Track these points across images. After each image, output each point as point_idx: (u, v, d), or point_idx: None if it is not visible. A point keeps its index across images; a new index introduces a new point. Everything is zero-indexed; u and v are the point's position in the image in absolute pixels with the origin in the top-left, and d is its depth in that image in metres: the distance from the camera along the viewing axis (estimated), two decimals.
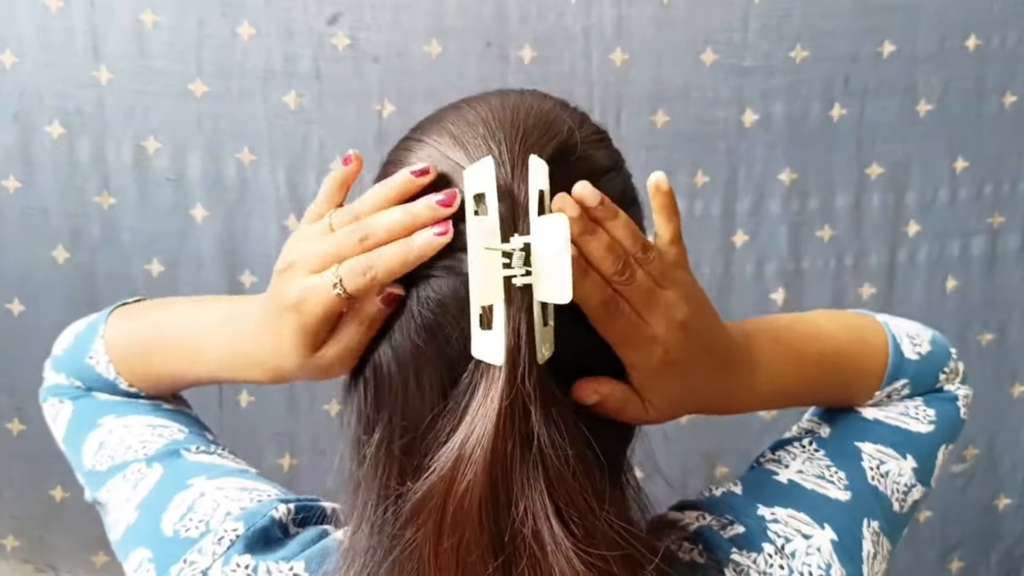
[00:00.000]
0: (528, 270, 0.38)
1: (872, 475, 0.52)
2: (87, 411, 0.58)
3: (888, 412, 0.56)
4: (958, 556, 1.24)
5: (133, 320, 0.59)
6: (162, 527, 0.48)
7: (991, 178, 1.18)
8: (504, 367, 0.38)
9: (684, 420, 1.18)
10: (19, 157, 1.08)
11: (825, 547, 0.48)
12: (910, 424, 0.55)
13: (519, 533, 0.39)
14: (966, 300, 1.20)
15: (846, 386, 0.56)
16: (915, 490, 0.54)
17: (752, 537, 0.48)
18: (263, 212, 1.11)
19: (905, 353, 0.56)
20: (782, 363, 0.51)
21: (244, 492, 0.50)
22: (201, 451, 0.55)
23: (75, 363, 0.59)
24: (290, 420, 1.16)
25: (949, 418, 0.57)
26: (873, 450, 0.54)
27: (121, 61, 1.07)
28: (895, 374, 0.55)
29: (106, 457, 0.54)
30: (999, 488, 1.23)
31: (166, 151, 1.10)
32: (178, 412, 0.59)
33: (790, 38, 1.12)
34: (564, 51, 1.11)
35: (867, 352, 0.56)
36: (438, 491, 0.39)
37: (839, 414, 0.57)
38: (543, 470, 0.39)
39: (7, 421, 1.14)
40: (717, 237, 1.16)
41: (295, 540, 0.48)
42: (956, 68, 1.15)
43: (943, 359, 0.58)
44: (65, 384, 0.60)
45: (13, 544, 1.17)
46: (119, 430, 0.55)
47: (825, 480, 0.51)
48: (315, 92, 1.10)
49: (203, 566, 0.46)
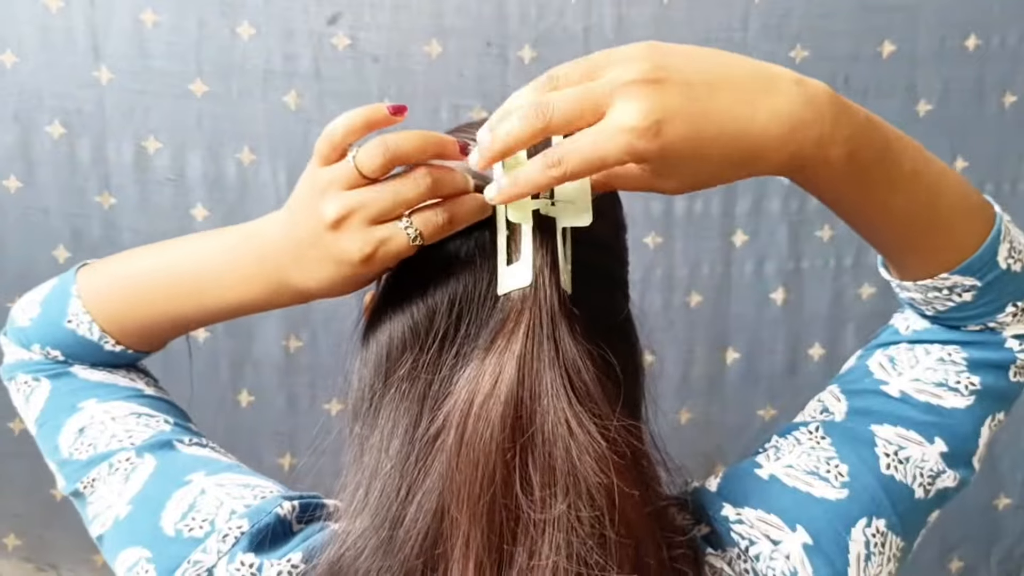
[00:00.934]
0: (553, 201, 0.43)
1: (887, 463, 0.48)
2: (66, 392, 0.55)
3: (921, 384, 0.49)
4: (958, 556, 1.24)
5: (112, 273, 0.55)
6: (162, 526, 0.48)
7: (991, 178, 1.18)
8: (532, 288, 0.42)
9: (683, 420, 1.18)
10: (20, 157, 1.08)
11: (795, 552, 0.46)
12: (945, 398, 0.48)
13: (540, 429, 0.41)
14: None
15: (925, 223, 0.45)
16: (945, 476, 0.49)
17: (718, 538, 0.47)
18: (263, 212, 1.09)
19: (999, 254, 0.46)
20: (869, 136, 0.42)
21: (246, 489, 0.50)
22: (194, 444, 0.53)
23: (50, 331, 0.55)
24: (290, 419, 1.16)
25: (997, 387, 0.49)
26: (892, 434, 0.48)
27: (121, 61, 1.07)
28: (976, 267, 0.46)
29: (87, 445, 0.52)
30: (999, 488, 1.23)
31: (166, 151, 1.10)
32: (159, 399, 0.57)
33: (790, 38, 1.12)
34: (564, 51, 1.11)
35: (964, 214, 0.46)
36: (465, 400, 0.42)
37: (862, 385, 0.51)
38: (567, 379, 0.42)
39: (8, 420, 1.14)
40: (717, 237, 1.16)
41: (298, 536, 0.48)
42: (956, 68, 1.15)
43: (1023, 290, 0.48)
44: (38, 359, 0.56)
45: (14, 543, 1.17)
46: (101, 416, 0.53)
47: (817, 476, 0.48)
48: (315, 92, 1.10)
49: (208, 564, 0.46)
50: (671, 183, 0.41)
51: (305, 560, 0.46)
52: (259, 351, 1.14)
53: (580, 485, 0.41)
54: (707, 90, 0.39)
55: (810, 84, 0.42)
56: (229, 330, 1.13)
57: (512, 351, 0.42)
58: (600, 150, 0.38)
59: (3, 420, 1.14)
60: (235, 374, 1.15)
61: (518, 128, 0.39)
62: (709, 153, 0.39)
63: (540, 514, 0.40)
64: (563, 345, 0.42)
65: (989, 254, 0.46)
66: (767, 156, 0.40)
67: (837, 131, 0.41)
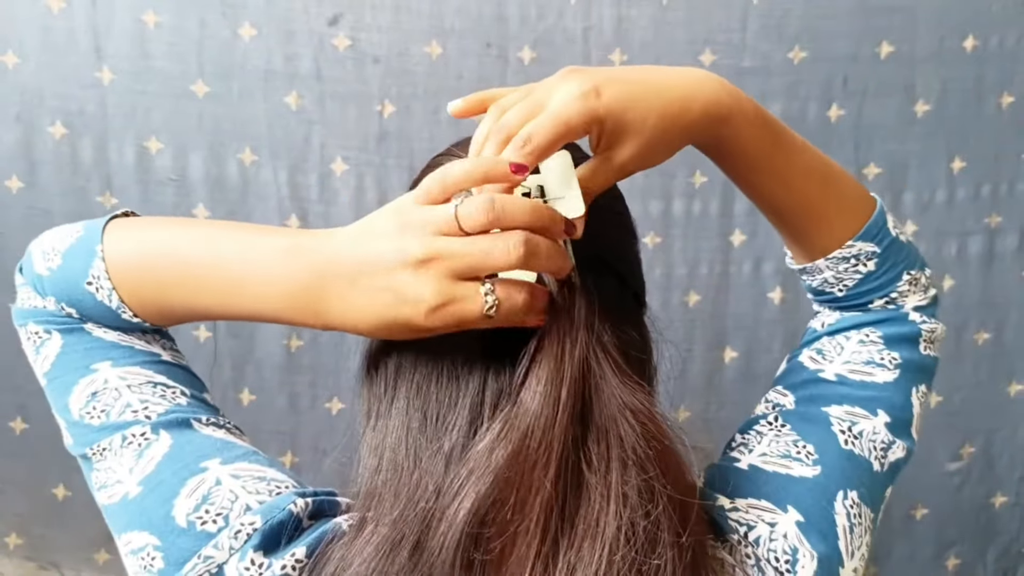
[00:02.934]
0: (546, 199, 0.46)
1: (845, 439, 0.51)
2: (78, 350, 0.52)
3: (852, 365, 0.54)
4: (955, 554, 1.25)
5: (143, 243, 0.50)
6: (174, 515, 0.47)
7: (989, 178, 1.18)
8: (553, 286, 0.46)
9: (681, 418, 1.19)
10: (22, 157, 1.09)
11: (791, 531, 0.47)
12: (875, 374, 0.54)
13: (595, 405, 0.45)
14: (963, 299, 1.20)
15: (821, 197, 0.54)
16: (896, 447, 0.52)
17: (717, 527, 0.48)
18: (264, 212, 1.12)
19: (888, 223, 0.55)
20: (761, 125, 0.51)
21: (262, 482, 0.49)
22: (211, 423, 0.52)
23: (68, 288, 0.51)
24: (291, 418, 1.17)
25: (912, 360, 0.55)
26: (842, 412, 0.52)
27: (123, 62, 1.08)
28: (873, 232, 0.54)
29: (99, 412, 0.50)
30: (996, 486, 1.24)
31: (168, 151, 1.10)
32: (177, 366, 0.54)
33: (789, 39, 1.13)
34: (564, 52, 1.11)
35: (853, 186, 0.55)
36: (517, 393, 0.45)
37: (802, 378, 0.56)
38: (604, 358, 0.45)
39: (9, 419, 1.14)
40: (715, 237, 1.16)
41: (306, 532, 0.47)
42: (954, 69, 1.15)
43: (914, 261, 0.57)
44: (52, 310, 0.52)
45: (16, 542, 1.18)
46: (115, 382, 0.50)
47: (791, 459, 0.51)
48: (316, 93, 1.10)
49: (219, 561, 0.45)
50: (627, 149, 0.46)
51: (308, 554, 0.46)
52: (261, 350, 1.15)
53: (636, 453, 0.43)
54: (631, 74, 0.48)
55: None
56: (231, 329, 1.14)
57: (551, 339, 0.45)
58: (560, 116, 0.44)
59: (3, 420, 1.15)
60: (237, 373, 1.15)
61: (492, 148, 0.45)
62: (647, 105, 0.46)
63: (602, 486, 0.42)
64: (584, 332, 0.45)
65: (881, 220, 0.55)
66: (695, 99, 0.48)
67: (744, 97, 0.50)
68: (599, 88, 0.45)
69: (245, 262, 0.47)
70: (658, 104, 0.47)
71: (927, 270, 0.58)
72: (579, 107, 0.45)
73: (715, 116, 0.49)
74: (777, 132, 0.52)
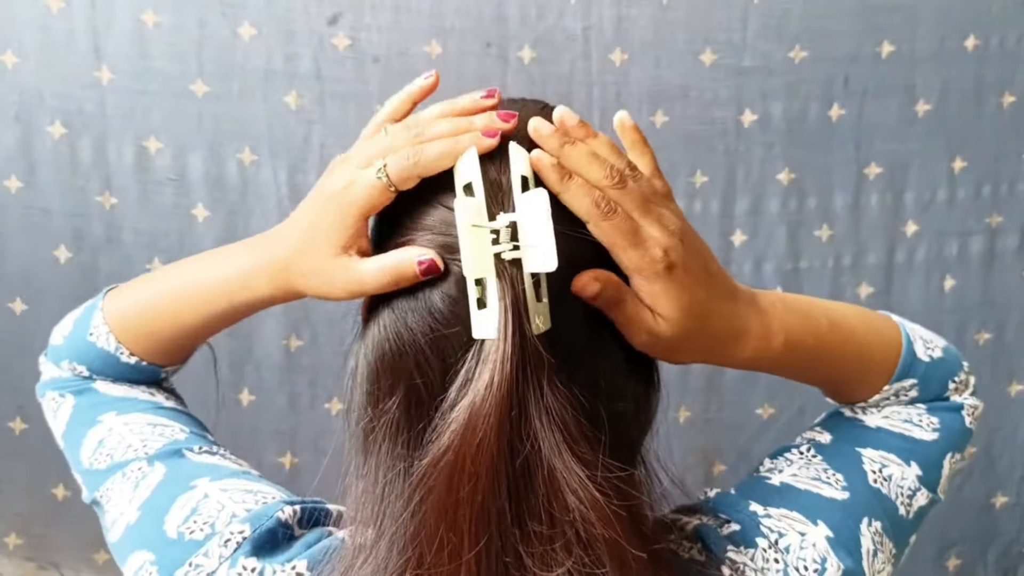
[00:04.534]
0: (516, 245, 0.40)
1: (874, 478, 0.52)
2: (88, 406, 0.57)
3: (892, 420, 0.55)
4: (955, 554, 1.24)
5: (131, 289, 0.59)
6: (165, 529, 0.48)
7: (989, 178, 1.18)
8: (500, 340, 0.39)
9: (682, 419, 1.18)
10: (21, 157, 1.09)
11: (820, 543, 0.48)
12: (914, 432, 0.54)
13: (533, 466, 0.40)
14: (964, 300, 1.20)
15: (855, 369, 0.54)
16: (920, 495, 0.53)
17: (747, 534, 0.48)
18: (264, 212, 1.12)
19: (917, 353, 0.55)
20: (792, 319, 0.50)
21: (249, 494, 0.50)
22: (204, 451, 0.54)
23: (76, 346, 0.58)
24: (291, 418, 1.17)
25: (953, 427, 0.56)
26: (875, 455, 0.53)
27: (122, 61, 1.08)
28: (905, 371, 0.54)
29: (105, 455, 0.54)
30: (997, 486, 1.24)
31: (167, 151, 1.10)
32: (178, 411, 0.59)
33: (789, 38, 1.12)
34: (564, 51, 1.11)
35: (879, 341, 0.55)
36: (454, 445, 0.40)
37: (841, 422, 0.57)
38: (549, 423, 0.40)
39: (9, 420, 1.14)
40: (716, 237, 1.16)
41: (300, 541, 0.48)
42: (955, 68, 1.15)
43: (954, 368, 0.57)
44: (66, 376, 0.59)
45: (15, 542, 1.18)
46: (119, 428, 0.55)
47: (820, 481, 0.51)
48: (316, 92, 1.10)
49: (209, 569, 0.46)
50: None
51: (310, 568, 0.46)
52: (260, 350, 1.15)
53: (578, 535, 0.40)
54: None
55: (758, 308, 0.48)
56: (230, 329, 1.13)
57: (489, 397, 0.40)
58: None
59: (3, 420, 1.15)
60: (236, 373, 1.15)
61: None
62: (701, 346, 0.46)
63: (540, 563, 0.40)
64: (538, 392, 0.40)
65: (910, 356, 0.55)
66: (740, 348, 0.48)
67: (774, 336, 0.49)
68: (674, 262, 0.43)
69: (209, 268, 0.53)
70: (707, 332, 0.46)
71: (965, 365, 0.58)
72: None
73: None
74: (804, 338, 0.50)
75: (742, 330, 0.47)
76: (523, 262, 0.40)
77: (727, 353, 0.48)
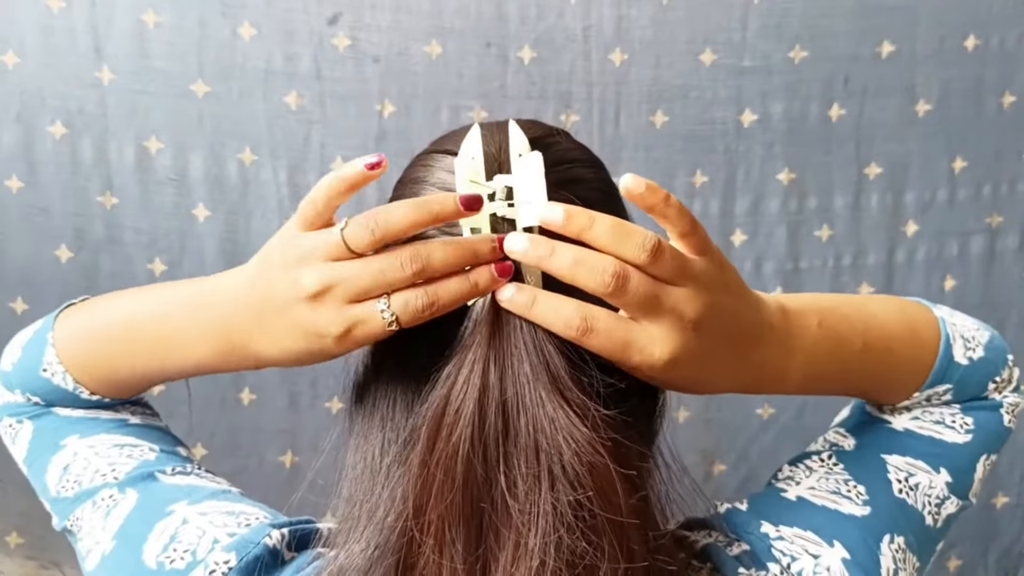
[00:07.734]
0: (511, 203, 0.42)
1: (899, 488, 0.49)
2: (48, 431, 0.54)
3: (921, 422, 0.52)
4: (956, 555, 1.24)
5: (83, 322, 0.53)
6: (144, 559, 0.46)
7: (990, 178, 1.18)
8: (487, 299, 0.40)
9: (682, 419, 1.18)
10: (22, 157, 1.09)
11: (835, 566, 0.46)
12: (945, 434, 0.51)
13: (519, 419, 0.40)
14: (964, 299, 1.20)
15: (886, 380, 0.52)
16: (949, 503, 0.51)
17: (757, 555, 0.47)
18: (265, 211, 1.12)
19: (955, 356, 0.51)
20: (823, 347, 0.47)
21: (230, 516, 0.47)
22: (178, 472, 0.51)
23: (29, 377, 0.54)
24: (292, 417, 1.17)
25: (989, 427, 0.53)
26: (901, 463, 0.50)
27: (123, 61, 1.08)
28: (939, 378, 0.51)
29: (72, 483, 0.51)
30: (997, 486, 1.24)
31: (168, 151, 1.10)
32: (146, 427, 0.55)
33: (789, 38, 1.12)
34: (564, 51, 1.11)
35: (915, 348, 0.51)
36: (438, 409, 0.40)
37: (867, 426, 0.54)
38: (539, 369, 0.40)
39: None
40: (716, 237, 1.16)
41: (291, 565, 0.46)
42: (955, 68, 1.15)
43: (996, 367, 0.53)
44: (21, 402, 0.55)
45: (17, 541, 1.18)
46: (84, 451, 0.52)
47: (840, 495, 0.49)
48: (316, 92, 1.10)
49: None
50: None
51: None
52: None
53: (564, 469, 0.39)
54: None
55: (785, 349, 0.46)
56: None
57: (480, 352, 0.40)
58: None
59: None
60: (236, 373, 1.15)
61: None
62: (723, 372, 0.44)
63: (524, 504, 0.39)
64: (527, 339, 0.40)
65: (945, 361, 0.51)
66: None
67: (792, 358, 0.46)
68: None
69: (160, 324, 0.48)
70: (723, 387, 0.45)
71: (1010, 359, 0.54)
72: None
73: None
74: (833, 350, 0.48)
75: (756, 381, 0.46)
76: (517, 219, 0.42)
77: (747, 389, 0.47)
